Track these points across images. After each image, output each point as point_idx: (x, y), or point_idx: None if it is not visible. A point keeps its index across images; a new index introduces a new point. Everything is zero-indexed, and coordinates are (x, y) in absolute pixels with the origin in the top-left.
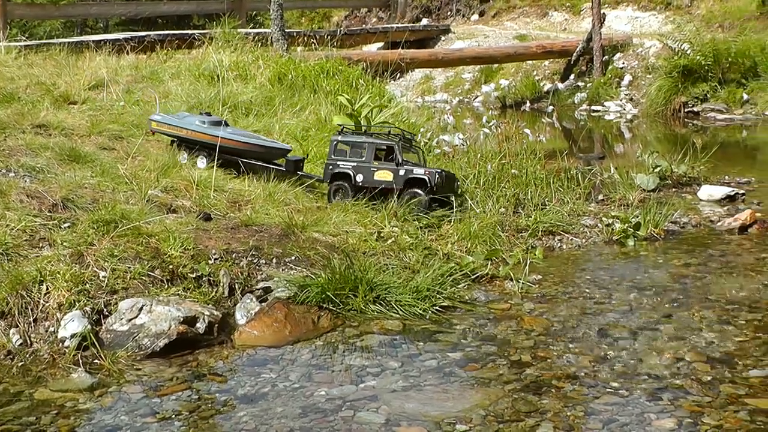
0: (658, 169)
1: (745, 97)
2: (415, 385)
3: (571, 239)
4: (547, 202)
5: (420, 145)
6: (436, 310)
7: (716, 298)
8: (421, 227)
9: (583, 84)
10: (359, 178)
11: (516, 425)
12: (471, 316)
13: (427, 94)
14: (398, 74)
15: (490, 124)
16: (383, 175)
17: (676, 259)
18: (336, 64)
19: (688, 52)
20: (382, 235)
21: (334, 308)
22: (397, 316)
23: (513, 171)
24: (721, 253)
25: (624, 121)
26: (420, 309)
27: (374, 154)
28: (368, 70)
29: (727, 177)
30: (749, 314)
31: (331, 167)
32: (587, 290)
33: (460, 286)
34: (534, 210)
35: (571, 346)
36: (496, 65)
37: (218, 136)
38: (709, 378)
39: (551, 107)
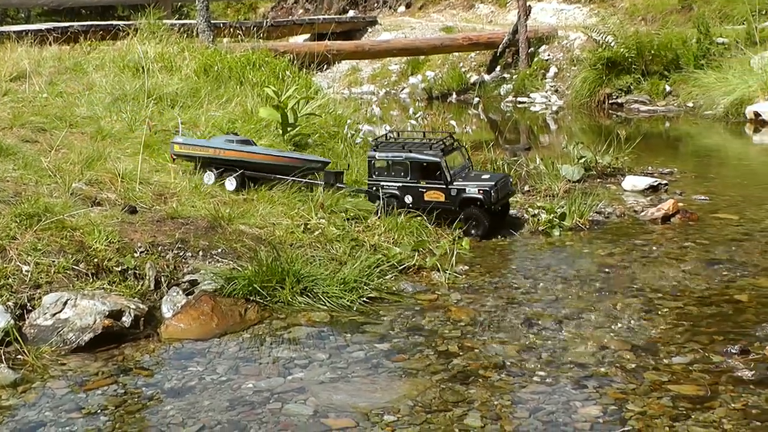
0: (583, 159)
1: (668, 89)
2: (342, 377)
3: (497, 230)
4: None
5: (461, 143)
6: (364, 301)
7: (640, 287)
8: (348, 219)
9: (509, 76)
10: (408, 199)
11: (444, 415)
12: (398, 307)
13: (354, 85)
14: (325, 66)
15: (417, 115)
16: (434, 196)
17: (601, 248)
18: (262, 55)
19: (612, 44)
20: (308, 226)
21: (261, 300)
22: (325, 307)
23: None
24: (645, 243)
25: (549, 113)
26: (347, 300)
27: (420, 171)
28: (295, 62)
29: (650, 168)
30: (672, 302)
31: (374, 189)
32: (513, 280)
33: (387, 277)
34: None
35: (497, 335)
36: (422, 57)
37: (253, 153)
38: (633, 366)
39: (477, 99)
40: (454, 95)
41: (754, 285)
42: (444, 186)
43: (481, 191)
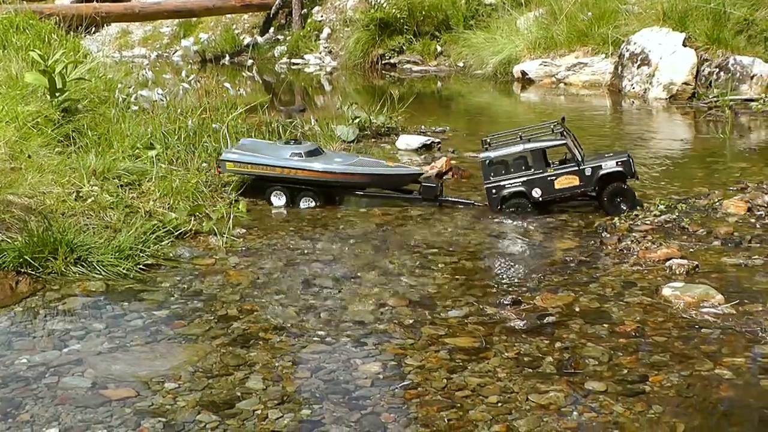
0: (358, 120)
1: (439, 49)
2: (121, 346)
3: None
4: None
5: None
6: (140, 268)
7: (415, 243)
8: (121, 185)
9: (282, 37)
10: (537, 193)
11: (225, 379)
12: (176, 273)
13: (125, 48)
14: (93, 29)
15: (190, 78)
16: (567, 182)
17: (377, 207)
18: (26, 18)
19: (384, 5)
20: (81, 194)
21: (33, 272)
22: (100, 276)
23: (214, 125)
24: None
25: (324, 74)
26: (123, 268)
27: (544, 159)
28: (61, 25)
29: (423, 127)
30: (446, 258)
31: (494, 191)
32: (291, 241)
33: (163, 243)
34: None
35: (277, 297)
36: (195, 19)
37: (337, 172)
38: (411, 321)
39: (251, 61)
40: (228, 57)
41: (525, 237)
42: (577, 168)
43: (620, 163)
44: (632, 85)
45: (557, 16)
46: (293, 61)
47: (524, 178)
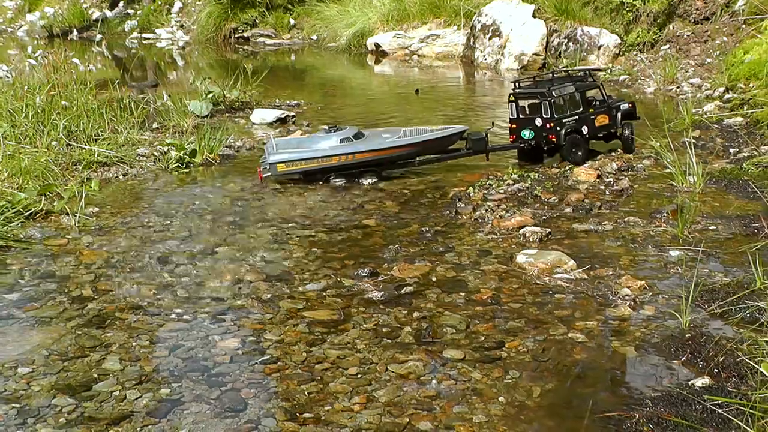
0: (211, 95)
1: (292, 22)
2: None
3: (127, 169)
4: (101, 133)
5: None
6: None
7: (272, 218)
8: None
9: (133, 11)
10: (585, 130)
11: (81, 361)
12: (27, 255)
13: None
14: None
15: (37, 54)
16: (602, 120)
17: (233, 183)
18: None
19: None
20: None
21: None
22: None
23: (63, 103)
24: None
25: (176, 49)
26: None
27: (587, 100)
28: None
29: (277, 100)
30: (303, 231)
31: (558, 127)
32: (146, 219)
33: (13, 224)
34: (87, 141)
35: (132, 276)
36: None
37: (395, 146)
38: (269, 296)
39: (100, 36)
40: (76, 32)
41: (381, 209)
42: (608, 108)
43: (630, 104)
44: (484, 56)
45: None
46: (144, 35)
47: (577, 117)
